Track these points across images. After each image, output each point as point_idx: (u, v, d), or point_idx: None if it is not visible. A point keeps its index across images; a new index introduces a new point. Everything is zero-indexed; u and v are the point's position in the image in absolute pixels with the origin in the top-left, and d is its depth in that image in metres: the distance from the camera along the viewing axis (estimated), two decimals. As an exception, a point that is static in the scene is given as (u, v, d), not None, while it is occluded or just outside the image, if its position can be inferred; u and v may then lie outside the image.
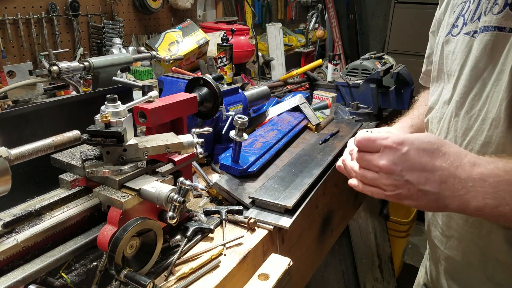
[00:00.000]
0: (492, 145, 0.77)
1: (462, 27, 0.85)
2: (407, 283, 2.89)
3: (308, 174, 1.29)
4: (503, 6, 0.73)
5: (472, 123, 0.80)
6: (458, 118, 0.83)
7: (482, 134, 0.78)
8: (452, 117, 0.85)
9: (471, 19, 0.82)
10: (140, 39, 2.31)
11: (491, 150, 0.77)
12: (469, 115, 0.81)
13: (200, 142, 1.00)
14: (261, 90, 1.70)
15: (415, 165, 0.66)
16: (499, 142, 0.75)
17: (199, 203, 1.22)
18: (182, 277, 0.89)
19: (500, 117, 0.74)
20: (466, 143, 0.81)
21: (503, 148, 0.75)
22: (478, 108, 0.79)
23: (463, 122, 0.82)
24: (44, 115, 1.07)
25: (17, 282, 0.71)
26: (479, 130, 0.79)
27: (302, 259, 1.34)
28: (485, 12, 0.77)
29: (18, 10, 1.77)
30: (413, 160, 0.66)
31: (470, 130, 0.81)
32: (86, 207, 0.84)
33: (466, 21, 0.84)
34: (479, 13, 0.79)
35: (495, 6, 0.75)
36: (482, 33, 0.77)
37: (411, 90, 1.88)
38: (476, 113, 0.79)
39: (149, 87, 1.19)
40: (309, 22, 3.47)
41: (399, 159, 0.67)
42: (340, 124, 1.85)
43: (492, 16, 0.75)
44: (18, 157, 0.75)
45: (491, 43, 0.75)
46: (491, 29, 0.75)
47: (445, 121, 0.89)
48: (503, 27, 0.73)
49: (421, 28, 3.84)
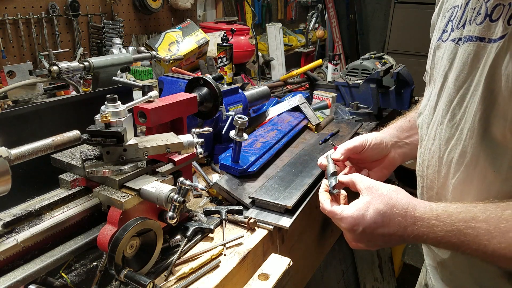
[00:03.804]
0: (468, 155, 0.78)
1: (450, 33, 0.85)
2: (407, 283, 2.90)
3: (308, 174, 1.29)
4: (484, 17, 0.74)
5: (453, 132, 0.82)
6: (443, 126, 0.85)
7: (460, 144, 0.80)
8: (438, 124, 0.87)
9: (457, 25, 0.83)
10: (140, 39, 2.31)
11: (467, 160, 0.79)
12: (451, 124, 0.82)
13: (200, 142, 1.00)
14: (261, 90, 1.70)
15: (370, 238, 0.81)
16: (473, 153, 0.77)
17: (199, 203, 1.22)
18: (182, 277, 0.89)
19: (475, 127, 0.76)
20: (448, 152, 0.83)
21: (476, 159, 0.77)
22: (458, 117, 0.81)
23: (446, 131, 0.84)
24: (44, 115, 1.07)
25: (17, 282, 0.71)
26: (458, 139, 0.80)
27: (302, 259, 1.34)
28: (470, 21, 0.78)
29: (18, 10, 1.77)
30: (367, 235, 0.80)
31: (451, 139, 0.82)
32: (86, 207, 0.84)
33: (453, 27, 0.84)
34: (463, 20, 0.80)
35: (478, 16, 0.76)
36: (466, 42, 0.78)
37: (411, 90, 1.88)
38: (456, 122, 0.81)
39: (149, 87, 1.19)
40: (309, 22, 3.47)
41: (356, 236, 0.82)
42: (340, 124, 1.85)
43: (476, 26, 0.76)
44: (18, 157, 0.75)
45: (473, 53, 0.76)
46: (474, 39, 0.76)
47: (432, 128, 0.90)
48: (483, 37, 0.74)
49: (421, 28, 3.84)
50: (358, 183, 0.86)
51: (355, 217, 0.80)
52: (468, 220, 0.71)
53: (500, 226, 0.67)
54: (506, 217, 0.67)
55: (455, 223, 0.72)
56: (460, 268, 0.91)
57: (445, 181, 0.85)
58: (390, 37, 4.15)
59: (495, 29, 0.72)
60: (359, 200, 0.83)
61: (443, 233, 0.73)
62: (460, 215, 0.72)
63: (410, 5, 3.95)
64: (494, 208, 0.70)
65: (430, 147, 0.90)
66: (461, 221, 0.71)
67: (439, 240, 0.74)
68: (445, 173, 0.85)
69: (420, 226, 0.76)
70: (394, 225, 0.78)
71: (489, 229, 0.68)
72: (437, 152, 0.87)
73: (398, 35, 4.08)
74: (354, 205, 0.83)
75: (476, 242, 0.69)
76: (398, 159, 1.10)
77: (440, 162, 0.86)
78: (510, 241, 0.66)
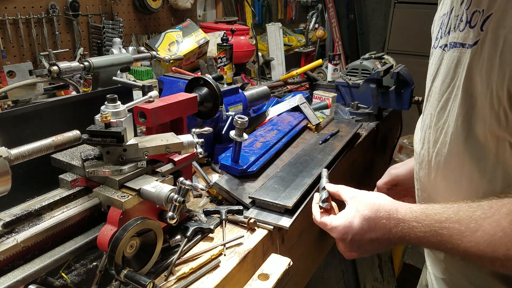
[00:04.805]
0: (454, 157, 0.81)
1: (439, 40, 0.88)
2: (407, 283, 2.90)
3: (308, 174, 1.29)
4: (465, 23, 0.76)
5: (439, 135, 0.84)
6: (431, 130, 0.88)
7: (445, 147, 0.82)
8: (427, 128, 0.89)
9: (444, 32, 0.85)
10: (140, 39, 2.31)
11: (454, 162, 0.81)
12: (437, 127, 0.85)
13: (200, 142, 1.00)
14: (261, 90, 1.70)
15: (359, 244, 0.84)
16: (458, 155, 0.79)
17: (199, 203, 1.22)
18: (182, 277, 0.89)
19: (458, 131, 0.78)
20: (435, 155, 0.86)
21: (463, 162, 0.79)
22: (443, 121, 0.83)
23: (433, 134, 0.86)
24: (44, 115, 1.07)
25: (17, 282, 0.71)
26: (443, 143, 0.83)
27: (302, 259, 1.34)
28: (454, 28, 0.81)
29: (18, 10, 1.77)
30: (357, 242, 0.84)
31: (437, 142, 0.85)
32: (86, 207, 0.84)
33: (442, 35, 0.87)
34: (449, 27, 0.83)
35: (461, 23, 0.78)
36: (451, 49, 0.81)
37: (411, 90, 1.88)
38: (441, 125, 0.83)
39: (149, 87, 1.19)
40: (309, 22, 3.47)
41: (346, 245, 0.86)
42: (340, 124, 1.85)
43: (459, 33, 0.78)
44: (18, 157, 0.75)
45: (456, 59, 0.79)
46: (458, 46, 0.78)
47: (422, 132, 0.93)
48: (464, 43, 0.76)
49: (421, 28, 3.86)
50: (343, 193, 0.91)
51: (343, 226, 0.85)
52: (442, 221, 0.74)
53: (470, 226, 0.70)
54: (476, 217, 0.70)
55: (432, 223, 0.75)
56: (456, 268, 0.93)
57: (435, 183, 0.88)
58: (390, 37, 4.15)
59: (472, 35, 0.74)
60: (345, 210, 0.88)
61: (422, 234, 0.76)
62: (436, 216, 0.75)
63: (410, 5, 3.95)
64: (467, 208, 0.73)
65: (420, 151, 0.93)
66: (437, 222, 0.74)
67: (420, 240, 0.77)
68: (434, 175, 0.87)
69: (402, 228, 0.79)
70: (380, 228, 0.81)
71: (461, 229, 0.71)
72: (426, 155, 0.89)
73: (398, 35, 4.08)
74: (342, 215, 0.87)
75: (451, 241, 0.73)
76: None
77: (429, 165, 0.88)
78: (478, 239, 0.69)
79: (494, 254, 0.68)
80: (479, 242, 0.69)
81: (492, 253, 0.68)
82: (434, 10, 1.03)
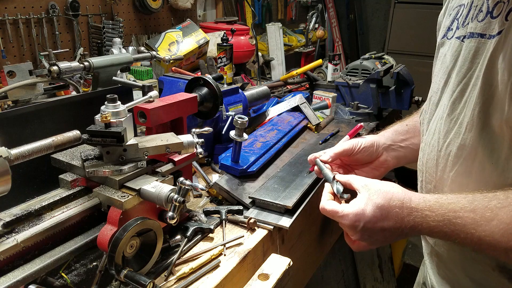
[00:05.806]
0: (467, 148, 0.80)
1: (455, 30, 0.88)
2: (407, 283, 2.90)
3: (308, 174, 1.29)
4: (486, 14, 0.77)
5: (452, 126, 0.84)
6: (443, 121, 0.88)
7: (459, 137, 0.82)
8: (439, 119, 0.89)
9: (462, 23, 0.85)
10: (140, 39, 2.31)
11: (466, 153, 0.81)
12: (450, 118, 0.85)
13: (200, 142, 1.00)
14: (261, 90, 1.70)
15: (371, 233, 0.83)
16: (472, 145, 0.79)
17: (199, 203, 1.22)
18: (182, 277, 0.89)
19: (474, 121, 0.78)
20: (446, 145, 0.85)
21: (475, 152, 0.79)
22: (458, 111, 0.83)
23: (445, 125, 0.86)
24: (44, 115, 1.07)
25: (17, 282, 0.71)
26: (456, 133, 0.83)
27: (302, 259, 1.34)
28: (472, 18, 0.81)
29: (18, 10, 1.77)
30: (368, 230, 0.83)
31: (450, 132, 0.85)
32: (86, 207, 0.84)
33: (458, 25, 0.87)
34: (469, 18, 0.83)
35: (480, 13, 0.79)
36: (468, 39, 0.81)
37: (411, 90, 1.88)
38: (456, 116, 0.83)
39: (149, 87, 1.19)
40: (309, 22, 3.47)
41: (357, 233, 0.84)
42: (340, 124, 1.85)
43: (477, 23, 0.79)
44: (18, 157, 0.75)
45: (474, 49, 0.79)
46: (476, 36, 0.79)
47: (433, 123, 0.92)
48: (484, 34, 0.77)
49: (421, 28, 3.86)
50: (354, 182, 0.90)
51: (355, 213, 0.83)
52: (457, 211, 0.74)
53: (485, 216, 0.71)
54: (491, 207, 0.71)
55: (446, 213, 0.75)
56: (453, 262, 0.93)
57: (443, 175, 0.88)
58: (390, 37, 4.15)
59: (495, 25, 0.74)
60: (358, 198, 0.86)
61: (435, 223, 0.76)
62: (450, 205, 0.76)
63: (410, 5, 3.96)
64: (482, 198, 0.73)
65: (429, 141, 0.92)
66: (451, 211, 0.75)
67: (432, 229, 0.77)
68: (443, 166, 0.87)
69: (415, 217, 0.79)
70: (392, 217, 0.81)
71: (476, 218, 0.72)
72: (435, 145, 0.89)
73: (398, 35, 4.08)
74: (354, 203, 0.86)
75: (464, 231, 0.73)
76: (390, 161, 1.14)
77: (438, 155, 0.88)
78: (493, 228, 0.70)
79: (509, 243, 0.68)
80: (494, 231, 0.69)
81: (507, 242, 0.68)
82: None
